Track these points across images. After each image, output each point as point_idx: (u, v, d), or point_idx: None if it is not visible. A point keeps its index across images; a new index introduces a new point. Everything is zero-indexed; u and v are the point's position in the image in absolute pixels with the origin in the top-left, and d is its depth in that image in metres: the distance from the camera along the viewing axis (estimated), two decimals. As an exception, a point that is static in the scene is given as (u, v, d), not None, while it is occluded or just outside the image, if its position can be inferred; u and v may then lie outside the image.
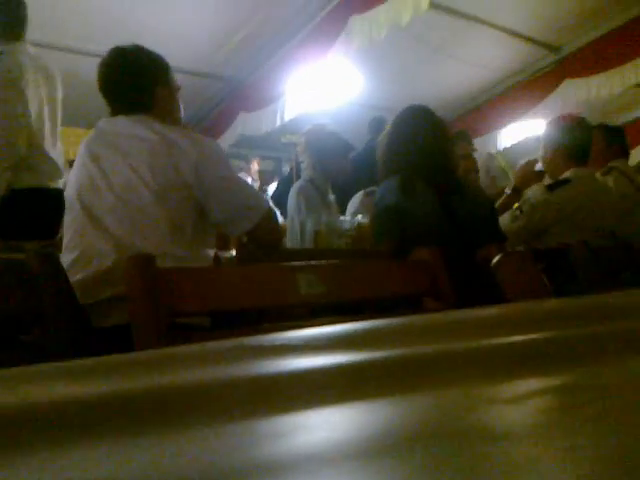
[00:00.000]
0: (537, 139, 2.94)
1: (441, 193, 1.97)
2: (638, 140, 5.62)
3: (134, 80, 1.64)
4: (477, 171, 3.80)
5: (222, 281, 0.93)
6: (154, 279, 0.83)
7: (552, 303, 0.87)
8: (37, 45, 2.63)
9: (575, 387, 0.48)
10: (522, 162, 2.87)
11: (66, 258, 1.46)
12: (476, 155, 3.86)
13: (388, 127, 2.18)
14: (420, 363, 0.52)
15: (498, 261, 1.07)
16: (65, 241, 1.54)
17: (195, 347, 0.58)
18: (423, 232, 1.85)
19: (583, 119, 2.67)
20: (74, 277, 1.37)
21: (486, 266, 1.09)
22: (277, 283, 0.97)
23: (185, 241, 1.48)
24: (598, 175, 2.74)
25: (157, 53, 1.70)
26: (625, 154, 3.11)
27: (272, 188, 4.95)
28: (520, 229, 2.36)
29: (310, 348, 0.55)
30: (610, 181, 2.76)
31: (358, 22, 3.56)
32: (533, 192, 2.55)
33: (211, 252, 1.60)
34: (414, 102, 2.19)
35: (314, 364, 0.51)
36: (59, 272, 1.18)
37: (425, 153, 2.03)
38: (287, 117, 4.45)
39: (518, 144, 5.25)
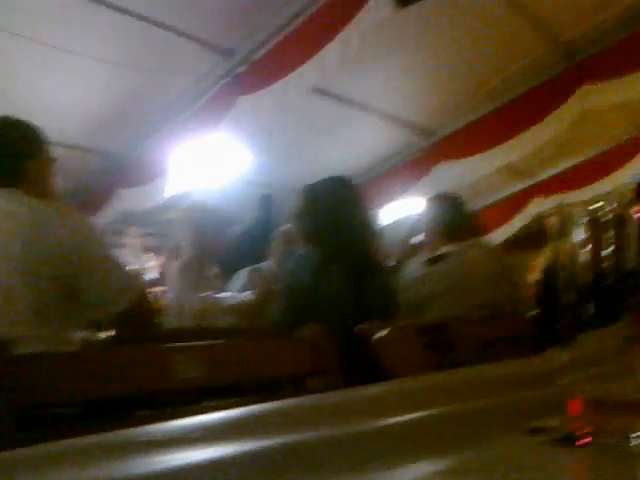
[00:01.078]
0: (416, 216, 3.11)
1: (354, 272, 1.96)
2: (506, 217, 6.12)
3: (2, 154, 1.54)
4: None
5: (89, 367, 0.85)
6: (10, 368, 0.74)
7: (434, 378, 0.88)
8: None
9: (468, 468, 0.47)
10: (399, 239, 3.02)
11: None
12: None
13: (307, 196, 2.11)
14: (302, 452, 0.49)
15: (379, 337, 1.07)
16: None
17: (54, 446, 0.52)
18: (327, 310, 1.82)
19: (458, 197, 2.86)
20: None
21: (366, 342, 1.09)
22: (151, 367, 0.90)
23: (51, 323, 1.37)
24: None
25: (29, 125, 1.61)
26: (479, 233, 3.39)
27: (157, 264, 4.79)
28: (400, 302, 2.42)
29: (184, 441, 0.51)
30: None
31: (247, 102, 3.65)
32: (414, 266, 2.65)
33: (83, 333, 1.49)
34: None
35: (189, 460, 0.47)
36: None
37: (343, 231, 2.01)
38: (171, 193, 4.39)
39: (399, 221, 5.50)
